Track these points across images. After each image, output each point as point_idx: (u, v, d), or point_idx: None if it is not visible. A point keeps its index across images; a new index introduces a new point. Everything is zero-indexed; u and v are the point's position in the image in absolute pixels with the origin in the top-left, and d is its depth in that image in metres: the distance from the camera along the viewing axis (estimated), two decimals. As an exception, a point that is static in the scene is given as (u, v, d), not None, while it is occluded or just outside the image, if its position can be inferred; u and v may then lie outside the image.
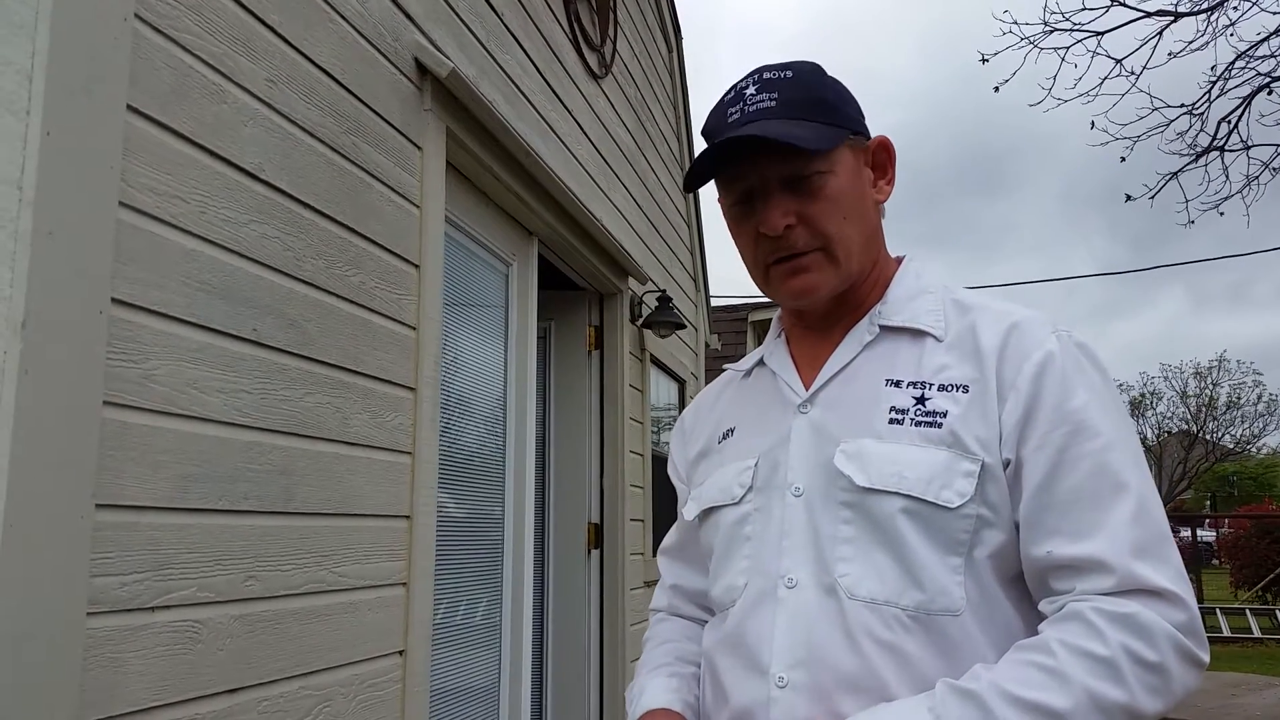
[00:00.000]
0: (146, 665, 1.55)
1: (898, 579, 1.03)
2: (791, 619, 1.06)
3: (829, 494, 1.08)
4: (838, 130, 1.12)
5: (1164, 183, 7.17)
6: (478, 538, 3.08)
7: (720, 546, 1.19)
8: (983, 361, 1.07)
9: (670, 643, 1.31)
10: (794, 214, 1.10)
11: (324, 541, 2.04)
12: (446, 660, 2.81)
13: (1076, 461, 1.01)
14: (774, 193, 1.11)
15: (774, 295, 1.19)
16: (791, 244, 1.11)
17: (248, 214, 1.83)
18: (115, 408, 1.49)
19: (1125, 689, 0.93)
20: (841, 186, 1.12)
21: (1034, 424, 1.03)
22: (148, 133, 1.58)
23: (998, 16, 7.89)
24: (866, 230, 1.16)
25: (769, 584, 1.10)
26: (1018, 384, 1.05)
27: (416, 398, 2.44)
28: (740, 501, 1.17)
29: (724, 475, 1.21)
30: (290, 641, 1.91)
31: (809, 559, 1.07)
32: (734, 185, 1.15)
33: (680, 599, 1.37)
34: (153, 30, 1.60)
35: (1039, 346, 1.06)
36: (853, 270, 1.14)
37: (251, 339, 1.83)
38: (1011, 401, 1.04)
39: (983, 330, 1.10)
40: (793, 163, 1.09)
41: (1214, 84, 6.83)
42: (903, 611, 1.02)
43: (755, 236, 1.14)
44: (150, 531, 1.57)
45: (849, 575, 1.04)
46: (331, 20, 2.15)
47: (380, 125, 2.33)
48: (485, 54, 2.97)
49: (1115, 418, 1.04)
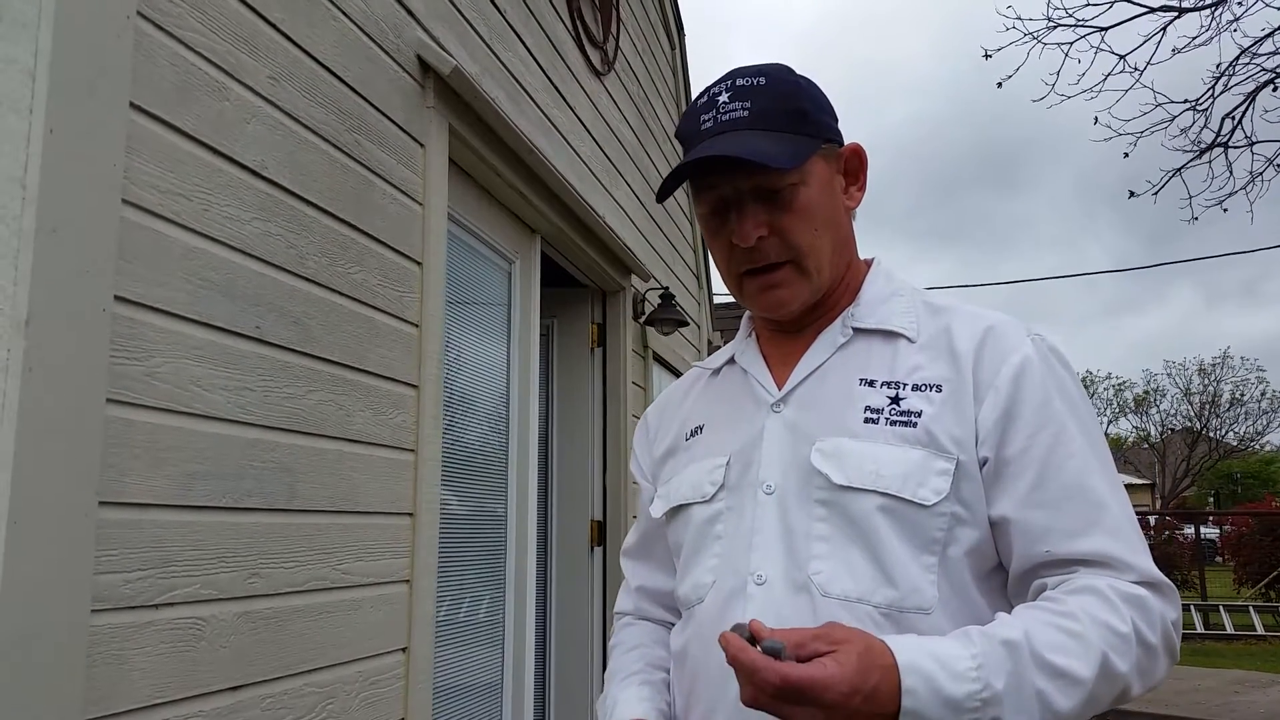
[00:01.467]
0: (150, 662, 1.55)
1: (871, 577, 1.03)
2: (761, 616, 1.05)
3: (804, 492, 1.08)
4: (809, 141, 1.12)
5: (1167, 179, 7.17)
6: (481, 535, 3.08)
7: (689, 544, 1.19)
8: (958, 362, 1.09)
9: (639, 648, 1.29)
10: (765, 225, 1.11)
11: (327, 539, 2.04)
12: (450, 657, 2.81)
13: (1064, 463, 1.03)
14: (747, 204, 1.12)
15: (748, 305, 1.21)
16: (764, 255, 1.12)
17: (250, 211, 1.83)
18: (119, 405, 1.49)
19: (1129, 664, 0.95)
20: (813, 197, 1.12)
21: (1016, 425, 1.05)
22: (151, 130, 1.58)
23: (1001, 11, 7.88)
24: (838, 239, 1.17)
25: (738, 581, 1.09)
26: (996, 385, 1.06)
27: (419, 395, 2.44)
28: (712, 499, 1.16)
29: (695, 472, 1.20)
30: (293, 639, 1.91)
31: (779, 556, 1.07)
32: (707, 195, 1.15)
33: (646, 601, 1.36)
34: (155, 28, 1.60)
35: (1015, 350, 1.08)
36: (824, 281, 1.16)
37: (254, 336, 1.83)
38: (990, 401, 1.06)
39: (958, 332, 1.11)
40: (765, 175, 1.10)
41: (1218, 80, 6.83)
42: (875, 609, 1.02)
43: (729, 246, 1.15)
44: (154, 529, 1.57)
45: (822, 573, 1.05)
46: (334, 17, 2.14)
47: (383, 122, 2.33)
48: (488, 51, 2.96)
49: (1091, 422, 1.08)
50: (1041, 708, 0.90)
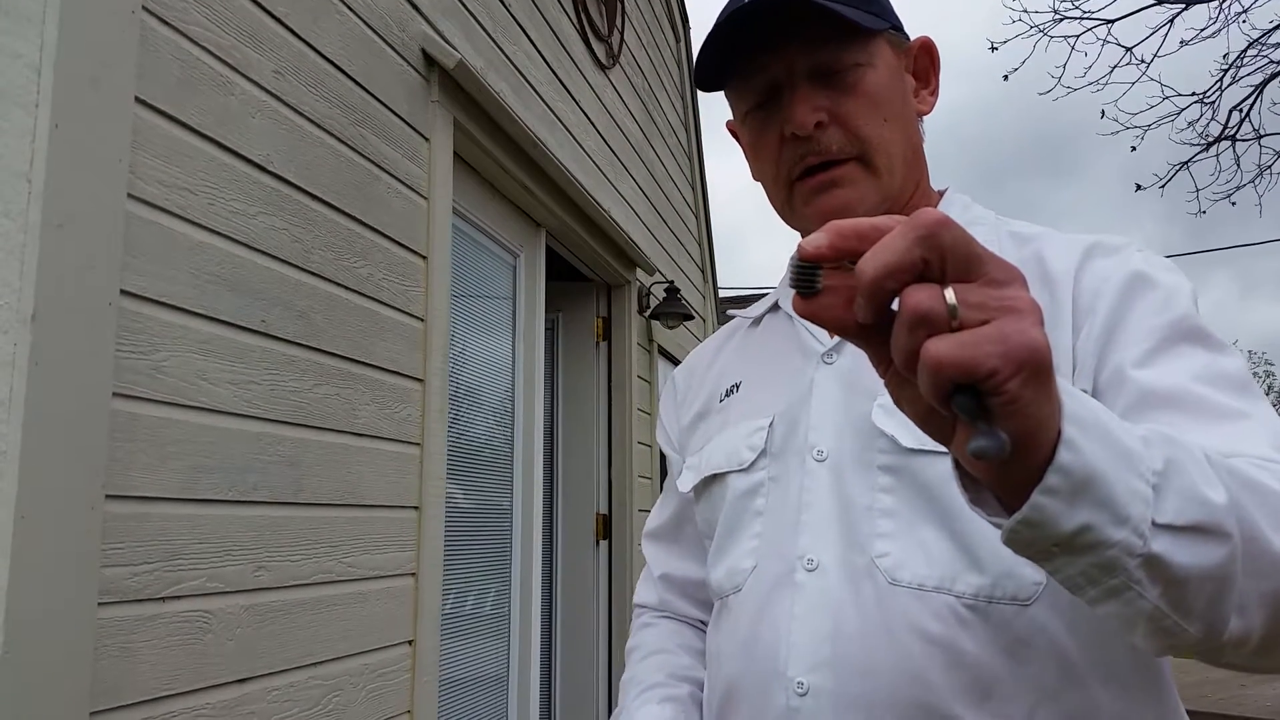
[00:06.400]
0: (157, 655, 1.56)
1: (951, 559, 0.82)
2: (812, 609, 0.86)
3: (863, 458, 0.89)
4: (878, 20, 0.93)
5: (1174, 172, 7.15)
6: (486, 528, 3.08)
7: (724, 522, 0.99)
8: (1054, 287, 0.88)
9: (660, 654, 1.11)
10: (825, 110, 0.92)
11: (333, 532, 2.04)
12: (455, 650, 2.82)
13: (1185, 358, 0.81)
14: (801, 86, 0.92)
15: (800, 221, 0.99)
16: (825, 147, 0.93)
17: (256, 206, 1.83)
18: (125, 399, 1.50)
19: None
20: (882, 82, 0.94)
21: (1122, 336, 0.83)
22: (156, 125, 1.59)
23: (1007, 4, 7.86)
24: (911, 140, 0.98)
25: (784, 566, 0.90)
26: (1097, 306, 0.85)
27: (425, 389, 2.44)
28: (751, 468, 0.97)
29: (731, 437, 1.01)
30: (300, 631, 1.92)
31: (835, 536, 0.88)
32: (752, 81, 0.95)
33: (673, 593, 1.17)
34: (160, 22, 1.60)
35: (1124, 265, 0.88)
36: (895, 187, 0.95)
37: (260, 330, 1.83)
38: (1090, 324, 0.85)
39: (1051, 255, 0.91)
40: (825, 51, 0.92)
41: (1225, 72, 6.80)
42: (957, 600, 0.82)
43: (779, 142, 0.95)
44: (160, 522, 1.57)
45: (889, 555, 0.84)
46: (339, 11, 2.14)
47: (388, 116, 2.33)
48: (492, 45, 2.96)
49: (1215, 341, 0.84)
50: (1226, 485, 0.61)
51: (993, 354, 0.48)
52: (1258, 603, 0.61)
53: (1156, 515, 0.56)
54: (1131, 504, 0.55)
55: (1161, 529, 0.56)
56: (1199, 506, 0.58)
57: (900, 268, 0.49)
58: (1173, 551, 0.57)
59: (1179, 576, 0.57)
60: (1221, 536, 0.59)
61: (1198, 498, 0.58)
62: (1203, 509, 0.58)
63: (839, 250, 0.52)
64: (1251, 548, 0.61)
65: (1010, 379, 0.49)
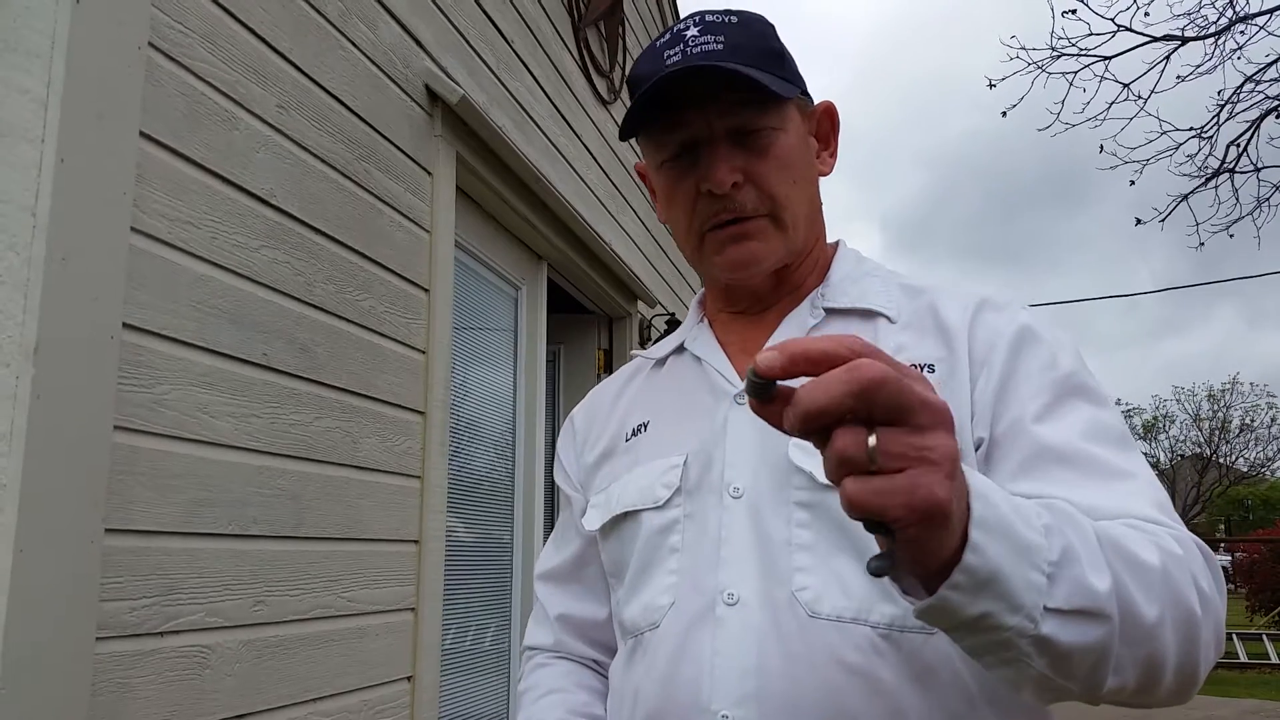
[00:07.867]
0: (155, 690, 1.54)
1: (866, 590, 0.86)
2: (735, 642, 0.88)
3: (780, 494, 0.92)
4: (789, 85, 0.99)
5: (1174, 206, 7.17)
6: (487, 562, 3.07)
7: (638, 559, 1.00)
8: (950, 338, 0.95)
9: (557, 692, 1.10)
10: (741, 171, 0.97)
11: (333, 566, 2.03)
12: (456, 686, 2.79)
13: (1074, 412, 0.88)
14: (720, 146, 0.97)
15: (708, 267, 1.04)
16: (740, 205, 0.97)
17: (259, 239, 1.84)
18: (126, 432, 1.50)
19: (1185, 584, 0.75)
20: (793, 145, 1.00)
21: (1015, 389, 0.90)
22: (160, 159, 1.60)
23: (1005, 41, 7.93)
24: (814, 200, 1.04)
25: (704, 601, 0.91)
26: (991, 360, 0.92)
27: (426, 422, 2.44)
28: (666, 505, 0.98)
29: (643, 475, 1.02)
30: (298, 667, 1.90)
31: (755, 571, 0.90)
32: (672, 135, 1.00)
33: (569, 633, 1.15)
34: (165, 58, 1.62)
35: (1013, 321, 0.95)
36: (798, 243, 1.02)
37: (262, 363, 1.83)
38: (985, 377, 0.91)
39: (945, 306, 0.98)
40: (743, 114, 0.97)
41: (1222, 108, 6.85)
42: (873, 630, 0.85)
43: (694, 196, 0.99)
44: (159, 556, 1.57)
45: (809, 588, 0.87)
46: (342, 47, 2.17)
47: (391, 151, 2.35)
48: (495, 81, 2.99)
49: (1100, 395, 0.92)
50: (1116, 569, 0.70)
51: (899, 504, 0.56)
52: (1131, 665, 0.71)
53: (1048, 601, 0.65)
54: (1026, 594, 0.64)
55: (1051, 612, 0.65)
56: (1085, 594, 0.67)
57: (830, 413, 0.57)
58: (1059, 632, 0.66)
59: (1064, 652, 0.67)
60: (1103, 619, 0.68)
61: (1085, 588, 0.67)
62: (1088, 597, 0.67)
63: (789, 372, 0.59)
64: (1128, 620, 0.69)
65: (911, 526, 0.58)
